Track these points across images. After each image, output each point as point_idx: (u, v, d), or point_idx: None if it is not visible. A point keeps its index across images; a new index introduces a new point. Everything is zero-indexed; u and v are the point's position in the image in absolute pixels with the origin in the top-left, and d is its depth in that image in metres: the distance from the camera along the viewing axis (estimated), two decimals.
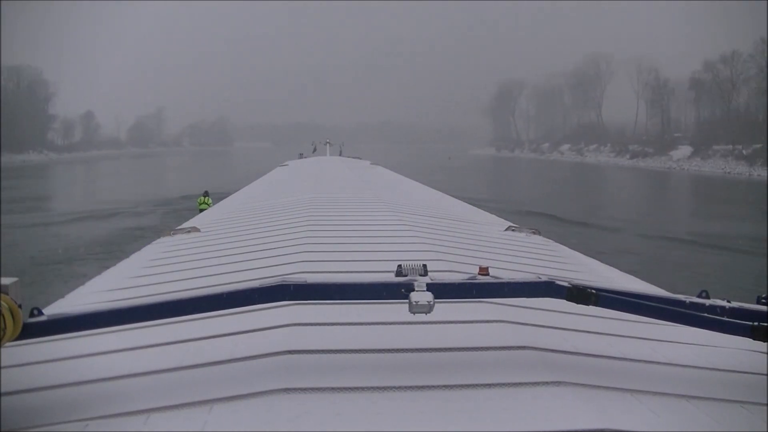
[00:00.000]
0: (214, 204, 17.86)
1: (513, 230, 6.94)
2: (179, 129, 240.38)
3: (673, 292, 2.68)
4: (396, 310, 2.49)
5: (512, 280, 2.54)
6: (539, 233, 6.79)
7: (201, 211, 17.51)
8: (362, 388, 2.12)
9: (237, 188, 15.30)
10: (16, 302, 2.05)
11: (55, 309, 3.29)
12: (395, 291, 2.33)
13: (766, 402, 2.22)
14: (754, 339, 2.33)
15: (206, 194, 24.79)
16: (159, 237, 6.65)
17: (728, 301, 2.42)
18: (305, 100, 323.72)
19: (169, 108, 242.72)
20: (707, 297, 2.45)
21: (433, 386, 2.14)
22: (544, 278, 2.50)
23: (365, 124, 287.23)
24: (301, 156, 31.69)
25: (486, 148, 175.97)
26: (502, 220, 8.82)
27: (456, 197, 12.72)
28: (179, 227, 7.29)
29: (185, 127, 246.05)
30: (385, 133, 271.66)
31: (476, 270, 2.68)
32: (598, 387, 2.19)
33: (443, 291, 2.34)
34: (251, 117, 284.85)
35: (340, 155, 32.86)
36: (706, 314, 2.36)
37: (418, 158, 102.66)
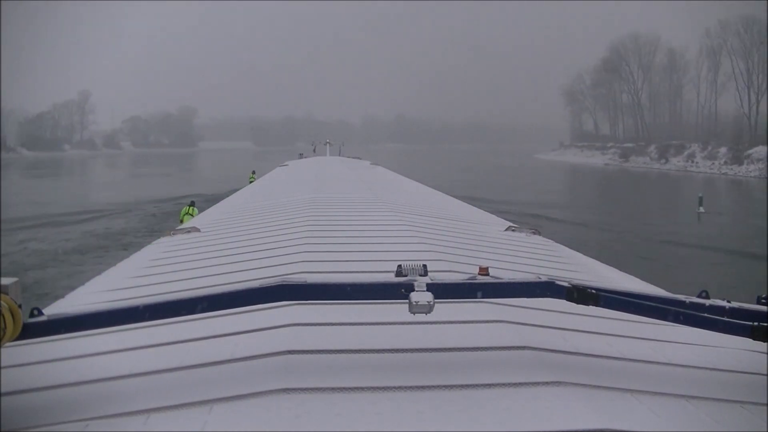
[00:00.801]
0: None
1: (513, 230, 6.94)
2: (119, 124, 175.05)
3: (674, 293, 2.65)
4: (396, 310, 2.49)
5: (512, 280, 2.54)
6: (539, 233, 6.80)
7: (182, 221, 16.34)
8: (362, 388, 2.12)
9: None
10: (16, 302, 2.05)
11: (55, 309, 3.29)
12: (395, 291, 2.33)
13: (766, 402, 2.22)
14: (754, 339, 2.33)
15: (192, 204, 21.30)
16: (159, 237, 6.66)
17: (728, 302, 2.42)
18: (299, 93, 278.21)
19: (105, 97, 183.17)
20: (707, 297, 2.45)
21: (433, 386, 2.14)
22: (544, 278, 2.50)
23: (375, 119, 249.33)
24: (301, 156, 31.92)
25: (561, 150, 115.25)
26: (502, 220, 8.82)
27: None
28: (179, 227, 7.29)
29: (126, 120, 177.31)
30: (399, 129, 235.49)
31: (476, 270, 2.68)
32: (598, 387, 2.19)
33: (443, 291, 2.34)
34: (225, 111, 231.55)
35: (339, 155, 32.95)
36: (706, 314, 2.36)
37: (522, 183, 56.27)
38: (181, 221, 17.44)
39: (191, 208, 20.90)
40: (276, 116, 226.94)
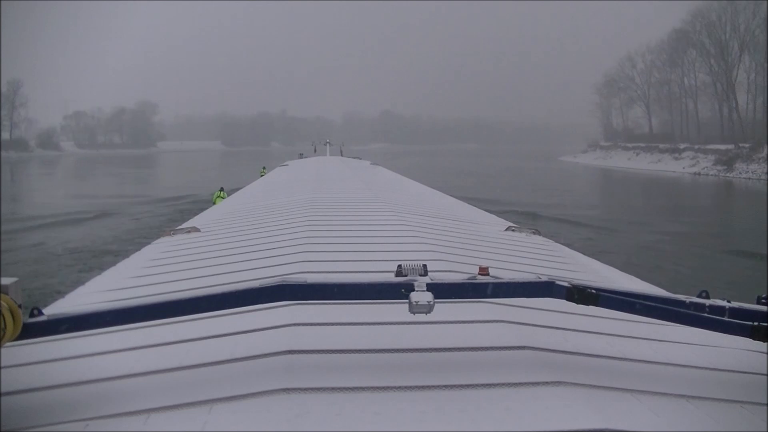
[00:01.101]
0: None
1: (513, 230, 6.94)
2: (59, 121, 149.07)
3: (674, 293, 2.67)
4: (396, 310, 2.49)
5: (512, 280, 2.54)
6: (539, 233, 6.80)
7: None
8: (362, 388, 2.12)
9: None
10: (16, 302, 2.05)
11: (55, 309, 3.30)
12: (395, 291, 2.33)
13: (766, 402, 2.22)
14: (754, 339, 2.33)
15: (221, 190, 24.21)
16: (159, 237, 6.66)
17: (728, 301, 2.42)
18: (273, 87, 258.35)
19: (42, 90, 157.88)
20: (707, 297, 2.45)
21: (433, 386, 2.14)
22: (544, 278, 2.50)
23: (358, 116, 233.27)
24: (301, 156, 32.07)
25: (600, 153, 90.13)
26: (502, 220, 8.83)
27: None
28: (179, 227, 7.29)
29: (68, 116, 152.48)
30: (386, 127, 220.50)
31: (476, 270, 2.69)
32: (598, 387, 2.19)
33: (443, 291, 2.34)
34: (190, 107, 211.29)
35: (340, 155, 33.03)
36: (706, 314, 2.36)
37: None
38: (214, 203, 19.60)
39: (222, 192, 23.78)
40: (248, 113, 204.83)
